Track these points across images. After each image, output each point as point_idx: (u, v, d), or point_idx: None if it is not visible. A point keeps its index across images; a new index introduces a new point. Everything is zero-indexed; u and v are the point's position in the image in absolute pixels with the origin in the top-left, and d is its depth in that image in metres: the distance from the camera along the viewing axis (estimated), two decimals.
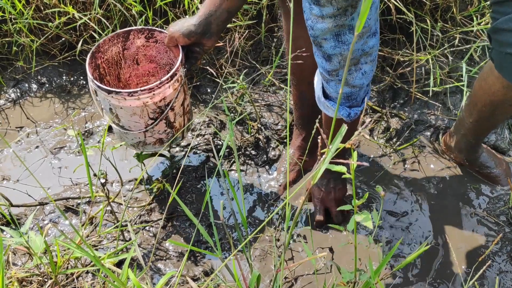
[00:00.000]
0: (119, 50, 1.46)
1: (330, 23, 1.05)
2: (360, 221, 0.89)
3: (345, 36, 1.07)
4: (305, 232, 1.54)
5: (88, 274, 1.39)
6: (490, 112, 1.46)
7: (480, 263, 1.34)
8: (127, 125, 1.41)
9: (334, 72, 1.16)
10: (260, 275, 1.05)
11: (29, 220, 1.27)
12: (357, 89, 1.21)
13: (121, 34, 1.44)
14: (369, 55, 1.14)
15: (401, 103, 1.85)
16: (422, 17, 1.87)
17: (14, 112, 1.85)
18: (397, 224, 1.57)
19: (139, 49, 1.49)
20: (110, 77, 1.49)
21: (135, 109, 1.35)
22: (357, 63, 1.15)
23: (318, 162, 0.84)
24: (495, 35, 1.22)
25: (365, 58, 1.14)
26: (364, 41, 1.11)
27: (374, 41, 1.12)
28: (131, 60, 1.51)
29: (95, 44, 1.42)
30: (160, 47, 1.50)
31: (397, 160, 1.73)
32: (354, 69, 1.16)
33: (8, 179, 1.67)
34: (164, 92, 1.35)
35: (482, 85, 1.42)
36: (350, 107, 1.26)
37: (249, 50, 1.92)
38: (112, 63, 1.48)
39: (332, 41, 1.08)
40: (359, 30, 0.68)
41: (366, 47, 1.12)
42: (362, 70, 1.16)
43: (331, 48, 1.10)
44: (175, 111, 1.42)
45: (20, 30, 1.86)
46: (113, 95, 1.32)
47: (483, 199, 1.64)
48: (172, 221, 1.57)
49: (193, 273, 1.44)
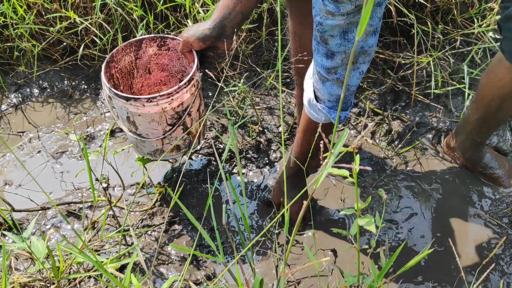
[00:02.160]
0: (132, 60, 1.46)
1: (342, 20, 1.04)
2: (363, 225, 0.88)
3: (352, 33, 1.07)
4: (307, 235, 1.54)
5: (91, 279, 1.39)
6: (497, 107, 1.46)
7: (483, 266, 1.34)
8: (145, 132, 1.40)
9: (334, 69, 1.15)
10: (263, 279, 1.04)
11: (31, 225, 1.27)
12: (350, 92, 1.21)
13: (133, 43, 1.44)
14: (367, 54, 1.14)
15: (403, 106, 1.85)
16: (423, 20, 1.87)
17: (16, 117, 1.85)
18: (400, 227, 1.57)
19: (151, 57, 1.49)
20: (123, 87, 1.49)
21: (153, 116, 1.35)
22: (356, 62, 1.14)
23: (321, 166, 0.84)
24: (507, 23, 1.22)
25: (363, 58, 1.14)
26: (363, 39, 1.10)
27: (374, 40, 1.12)
28: (143, 70, 1.51)
29: (109, 54, 1.41)
30: (173, 55, 1.49)
31: (399, 163, 1.72)
32: (353, 68, 1.15)
33: (10, 184, 1.67)
34: (182, 97, 1.35)
35: (490, 78, 1.41)
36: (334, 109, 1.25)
37: (250, 54, 1.92)
38: (125, 73, 1.47)
39: (338, 38, 1.08)
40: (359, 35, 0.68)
41: (365, 46, 1.11)
42: (360, 69, 1.16)
43: (336, 45, 1.09)
44: (192, 116, 1.42)
45: (22, 35, 1.86)
46: (131, 102, 1.31)
47: (486, 201, 1.63)
48: (174, 225, 1.56)
49: (196, 278, 1.44)
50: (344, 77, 1.16)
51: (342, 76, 1.16)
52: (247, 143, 1.75)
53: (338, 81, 1.18)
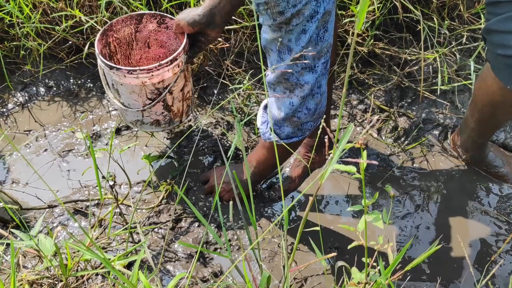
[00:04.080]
0: (132, 32, 1.52)
1: (270, 35, 1.11)
2: (371, 221, 0.88)
3: (284, 55, 1.13)
4: (313, 231, 1.54)
5: (98, 276, 1.39)
6: (490, 112, 1.45)
7: (492, 262, 1.33)
8: (127, 102, 1.47)
9: (272, 86, 1.22)
10: (270, 276, 1.04)
11: (39, 223, 1.28)
12: (281, 117, 1.24)
13: (134, 17, 1.50)
14: (302, 89, 1.18)
15: (409, 102, 1.84)
16: (429, 16, 1.86)
17: (23, 116, 1.86)
18: (407, 224, 1.57)
19: (151, 33, 1.55)
20: (120, 56, 1.55)
21: (134, 88, 1.41)
22: (292, 90, 1.19)
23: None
24: (488, 36, 1.21)
25: (298, 90, 1.18)
26: (299, 70, 1.15)
27: (310, 77, 1.16)
28: (142, 43, 1.57)
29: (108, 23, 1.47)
30: (170, 33, 1.55)
31: (405, 160, 1.72)
32: (288, 94, 1.20)
33: (18, 182, 1.67)
34: (163, 75, 1.40)
35: (481, 86, 1.41)
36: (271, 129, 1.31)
37: (255, 51, 1.92)
38: (124, 43, 1.53)
39: (275, 55, 1.14)
40: (359, 28, 0.69)
41: (301, 79, 1.16)
42: (291, 100, 1.21)
43: (275, 60, 1.16)
44: (173, 95, 1.47)
45: (28, 34, 1.87)
46: (114, 71, 1.38)
47: (493, 198, 1.62)
48: (181, 223, 1.57)
49: (202, 275, 1.44)
50: (279, 98, 1.22)
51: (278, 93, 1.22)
52: (253, 140, 1.75)
53: (275, 99, 1.24)
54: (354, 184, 1.65)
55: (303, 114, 1.23)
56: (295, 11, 1.04)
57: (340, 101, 1.85)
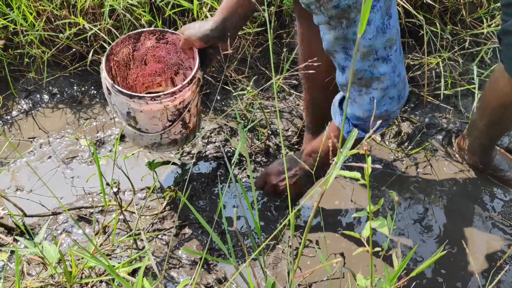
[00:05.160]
0: (129, 51, 1.47)
1: (332, 34, 1.05)
2: (376, 228, 0.88)
3: (351, 50, 1.07)
4: (318, 237, 1.53)
5: (102, 284, 1.39)
6: (501, 114, 1.45)
7: (497, 268, 1.32)
8: (145, 127, 1.42)
9: (345, 88, 1.16)
10: (275, 282, 1.04)
11: (43, 230, 1.28)
12: (365, 115, 1.19)
13: (132, 36, 1.45)
14: (380, 81, 1.11)
15: (412, 107, 1.84)
16: (431, 20, 1.86)
17: (27, 123, 1.87)
18: (412, 229, 1.56)
19: (148, 50, 1.50)
20: (119, 79, 1.50)
21: (155, 113, 1.37)
22: (369, 86, 1.12)
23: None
24: (504, 37, 1.21)
25: (376, 84, 1.12)
26: (371, 63, 1.08)
27: (386, 68, 1.09)
28: (139, 61, 1.52)
29: (108, 47, 1.42)
30: (170, 48, 1.50)
31: (409, 165, 1.71)
32: (365, 91, 1.14)
33: (22, 189, 1.68)
34: (184, 95, 1.37)
35: (493, 87, 1.41)
36: (356, 126, 1.25)
37: (258, 57, 1.92)
38: (122, 65, 1.48)
39: (342, 53, 1.08)
40: (361, 32, 0.67)
41: (376, 72, 1.09)
42: (371, 95, 1.14)
43: (342, 59, 1.10)
44: (191, 112, 1.44)
45: (32, 42, 1.88)
46: (135, 99, 1.33)
47: (497, 203, 1.62)
48: (184, 229, 1.57)
49: (207, 281, 1.44)
50: (355, 98, 1.16)
51: (353, 96, 1.15)
52: (256, 146, 1.75)
53: (352, 100, 1.17)
54: (358, 189, 1.65)
55: (388, 104, 1.16)
56: (351, 2, 0.97)
57: None
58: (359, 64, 1.08)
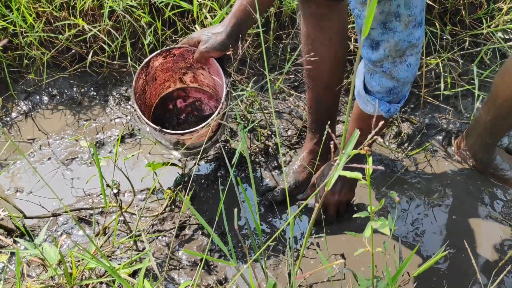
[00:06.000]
0: (144, 80, 1.51)
1: (375, 10, 1.04)
2: (377, 228, 0.88)
3: (392, 23, 1.07)
4: (318, 238, 1.53)
5: (103, 285, 1.39)
6: (510, 108, 1.45)
7: (499, 268, 1.32)
8: (192, 145, 1.48)
9: (379, 63, 1.16)
10: (276, 283, 1.04)
11: (43, 231, 1.28)
12: (400, 83, 1.19)
13: (143, 68, 1.47)
14: (415, 46, 1.12)
15: (412, 108, 1.84)
16: (431, 21, 1.86)
17: (26, 125, 1.86)
18: (413, 230, 1.56)
19: (157, 67, 1.53)
20: (142, 105, 1.54)
21: (204, 133, 1.42)
22: (403, 55, 1.13)
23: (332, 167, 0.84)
24: None
25: (411, 50, 1.13)
26: (409, 32, 1.09)
27: (420, 32, 1.11)
28: (151, 80, 1.55)
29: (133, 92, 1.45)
30: (178, 58, 1.53)
31: (409, 165, 1.71)
32: (399, 61, 1.14)
33: (22, 191, 1.68)
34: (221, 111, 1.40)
35: (504, 79, 1.40)
36: (390, 102, 1.25)
37: (258, 58, 1.92)
38: (141, 94, 1.52)
39: (379, 28, 1.08)
40: (365, 35, 0.68)
41: (412, 38, 1.10)
42: (407, 62, 1.15)
43: (378, 34, 1.10)
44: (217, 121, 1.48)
45: (31, 43, 1.88)
46: (178, 136, 1.41)
47: (498, 203, 1.62)
48: (185, 230, 1.56)
49: (207, 282, 1.44)
50: (391, 70, 1.16)
51: (388, 69, 1.16)
52: (256, 147, 1.75)
53: (385, 74, 1.18)
54: (358, 189, 1.65)
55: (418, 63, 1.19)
56: None
57: (344, 107, 1.85)
58: (400, 35, 1.08)
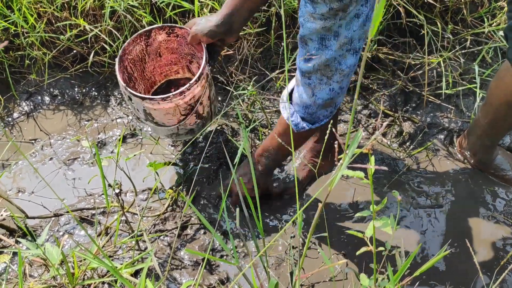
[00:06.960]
0: (143, 47, 1.54)
1: (319, 24, 1.08)
2: (379, 227, 0.88)
3: (329, 41, 1.10)
4: (320, 238, 1.53)
5: (105, 285, 1.39)
6: (506, 112, 1.45)
7: (501, 267, 1.32)
8: (161, 121, 1.49)
9: (308, 74, 1.19)
10: (278, 283, 1.04)
11: (45, 231, 1.28)
12: (316, 104, 1.23)
13: (143, 34, 1.51)
14: (345, 75, 1.17)
15: (414, 107, 1.84)
16: (432, 20, 1.86)
17: (28, 125, 1.86)
18: (415, 229, 1.56)
19: (161, 43, 1.56)
20: (137, 73, 1.57)
21: (168, 110, 1.44)
22: (331, 76, 1.17)
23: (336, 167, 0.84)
24: (511, 34, 1.21)
25: (340, 76, 1.17)
26: (342, 53, 1.12)
27: (353, 60, 1.14)
28: (154, 54, 1.59)
29: (120, 49, 1.49)
30: (181, 40, 1.56)
31: (411, 164, 1.71)
32: (326, 81, 1.18)
33: (23, 191, 1.68)
34: (193, 92, 1.42)
35: (498, 84, 1.41)
36: (303, 119, 1.28)
37: (259, 57, 1.92)
38: (137, 60, 1.55)
39: (316, 43, 1.12)
40: (372, 35, 0.68)
41: (343, 63, 1.14)
42: (332, 86, 1.19)
43: (314, 48, 1.13)
44: (203, 104, 1.50)
45: (32, 44, 1.88)
46: (146, 101, 1.40)
47: (500, 202, 1.61)
48: (186, 230, 1.56)
49: (209, 282, 1.44)
50: (315, 85, 1.20)
51: (313, 84, 1.20)
52: (258, 146, 1.74)
53: (309, 88, 1.21)
54: (360, 188, 1.65)
55: (341, 95, 1.23)
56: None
57: (346, 107, 1.84)
58: (333, 53, 1.11)
